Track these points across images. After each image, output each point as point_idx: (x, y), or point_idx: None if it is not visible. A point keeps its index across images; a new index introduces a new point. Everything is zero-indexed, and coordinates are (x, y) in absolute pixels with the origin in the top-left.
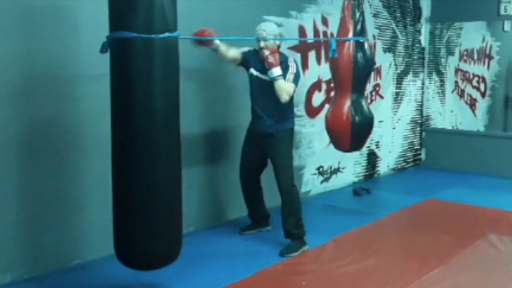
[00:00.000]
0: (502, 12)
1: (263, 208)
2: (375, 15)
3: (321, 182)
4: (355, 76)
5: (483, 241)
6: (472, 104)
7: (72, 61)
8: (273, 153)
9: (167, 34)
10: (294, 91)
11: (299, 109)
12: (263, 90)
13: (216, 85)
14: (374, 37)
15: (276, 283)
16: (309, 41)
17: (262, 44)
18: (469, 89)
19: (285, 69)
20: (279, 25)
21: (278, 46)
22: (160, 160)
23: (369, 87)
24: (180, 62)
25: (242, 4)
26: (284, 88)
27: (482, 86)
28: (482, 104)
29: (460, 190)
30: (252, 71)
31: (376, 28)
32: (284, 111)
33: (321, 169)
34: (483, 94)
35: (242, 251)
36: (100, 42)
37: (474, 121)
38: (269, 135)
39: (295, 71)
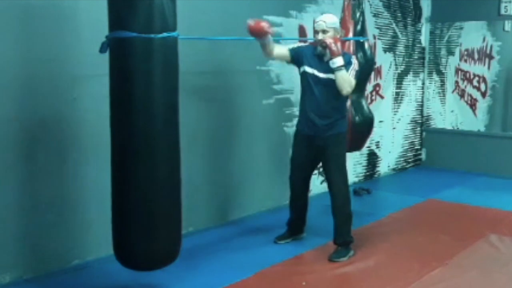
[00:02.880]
0: (502, 12)
1: (304, 216)
2: (376, 15)
3: (321, 182)
4: (354, 76)
5: (484, 241)
6: (472, 104)
7: (71, 61)
8: (327, 157)
9: (166, 34)
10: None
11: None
12: (318, 89)
13: (219, 85)
14: (374, 37)
15: (276, 283)
16: (309, 41)
17: (320, 36)
18: (469, 89)
19: (347, 64)
20: (279, 25)
21: (339, 38)
22: (159, 160)
23: (369, 87)
24: (181, 62)
25: (242, 4)
26: (348, 79)
27: (482, 86)
28: (483, 104)
29: (461, 190)
30: (307, 68)
31: (377, 28)
32: (338, 112)
33: (321, 169)
34: (483, 94)
35: (242, 252)
36: (100, 42)
37: (474, 121)
38: (321, 139)
39: (357, 68)
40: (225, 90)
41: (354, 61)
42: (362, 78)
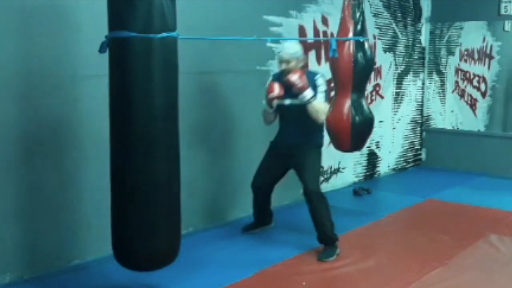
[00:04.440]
0: (502, 12)
1: (268, 208)
2: (376, 15)
3: (321, 182)
4: (355, 76)
5: (484, 241)
6: (472, 104)
7: (71, 61)
8: (301, 161)
9: (166, 34)
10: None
11: None
12: (293, 111)
13: (219, 85)
14: (374, 37)
15: (276, 283)
16: (309, 41)
17: (283, 66)
18: (469, 89)
19: (313, 88)
20: (279, 24)
21: (303, 66)
22: (159, 160)
23: (369, 87)
24: (180, 62)
25: (242, 4)
26: (320, 108)
27: (482, 86)
28: (483, 104)
29: (461, 190)
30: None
31: (377, 28)
32: (315, 130)
33: (321, 169)
34: (483, 94)
35: (242, 251)
36: (100, 42)
37: (474, 121)
38: (297, 146)
39: (324, 88)
40: (225, 90)
41: (320, 81)
42: (362, 78)
